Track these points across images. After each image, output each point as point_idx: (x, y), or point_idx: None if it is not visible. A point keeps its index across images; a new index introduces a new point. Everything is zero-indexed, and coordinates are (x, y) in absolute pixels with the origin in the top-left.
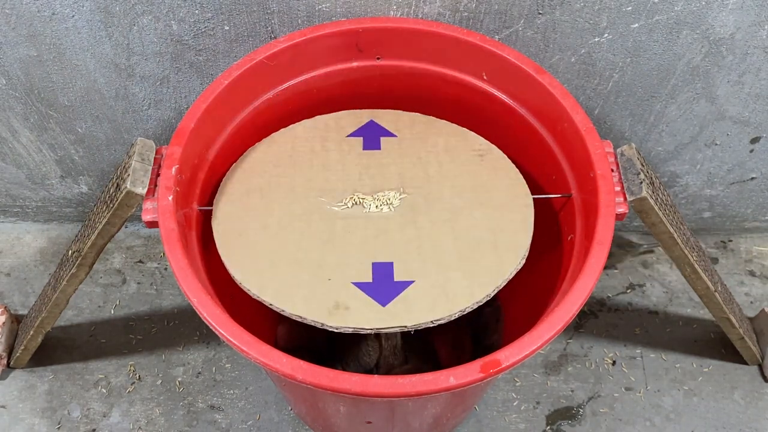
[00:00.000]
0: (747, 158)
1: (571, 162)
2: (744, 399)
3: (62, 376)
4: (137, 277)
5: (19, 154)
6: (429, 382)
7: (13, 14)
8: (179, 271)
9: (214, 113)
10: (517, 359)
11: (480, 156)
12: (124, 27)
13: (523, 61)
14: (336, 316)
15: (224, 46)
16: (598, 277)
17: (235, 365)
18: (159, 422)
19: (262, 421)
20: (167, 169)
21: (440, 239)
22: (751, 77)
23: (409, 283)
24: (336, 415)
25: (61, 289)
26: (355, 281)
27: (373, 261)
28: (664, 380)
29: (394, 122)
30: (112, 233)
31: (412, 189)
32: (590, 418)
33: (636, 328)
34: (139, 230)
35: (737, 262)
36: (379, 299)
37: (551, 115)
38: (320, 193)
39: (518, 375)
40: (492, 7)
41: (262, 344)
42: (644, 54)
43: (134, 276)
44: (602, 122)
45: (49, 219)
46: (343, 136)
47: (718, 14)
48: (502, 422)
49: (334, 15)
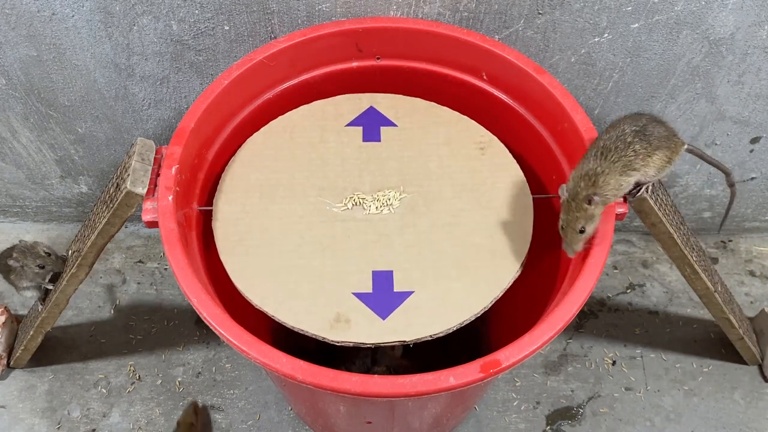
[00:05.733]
0: (747, 158)
1: (571, 162)
2: (744, 399)
3: (62, 376)
4: (137, 277)
5: (19, 154)
6: (429, 382)
7: (13, 14)
8: (179, 271)
9: (214, 113)
10: (517, 359)
11: (481, 149)
12: (124, 27)
13: (523, 61)
14: (337, 330)
15: (224, 46)
16: (598, 277)
17: (235, 365)
18: (159, 422)
19: (262, 421)
20: (167, 169)
21: (439, 245)
22: (751, 77)
23: (408, 293)
24: (336, 414)
25: (61, 289)
26: (356, 291)
27: (373, 269)
28: (664, 380)
29: (393, 108)
30: (112, 233)
31: (412, 187)
32: (590, 418)
33: (636, 328)
34: (139, 230)
35: (737, 262)
36: (380, 311)
37: (551, 114)
38: (320, 192)
39: (518, 375)
40: (492, 7)
41: (262, 344)
42: (644, 54)
43: (134, 276)
44: (602, 122)
45: (49, 219)
46: (342, 125)
47: (718, 14)
48: (502, 422)
49: (334, 15)
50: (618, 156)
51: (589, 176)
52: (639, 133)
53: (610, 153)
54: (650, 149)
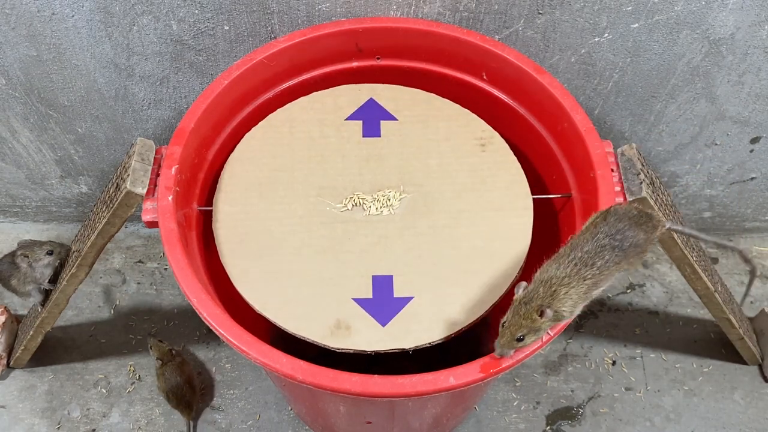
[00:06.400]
0: (747, 158)
1: (571, 162)
2: (744, 399)
3: (62, 376)
4: (137, 277)
5: (19, 154)
6: (429, 382)
7: (13, 14)
8: (179, 271)
9: (214, 113)
10: (517, 359)
11: (482, 146)
12: (124, 27)
13: (523, 61)
14: (337, 337)
15: (224, 46)
16: None
17: (235, 365)
18: (159, 422)
19: (262, 421)
20: (167, 169)
21: (439, 248)
22: (751, 77)
23: (408, 299)
24: (336, 414)
25: (61, 289)
26: (356, 297)
27: (373, 274)
28: (664, 380)
29: (393, 100)
30: (112, 233)
31: (412, 187)
32: (590, 418)
33: (636, 328)
34: (139, 230)
35: (737, 262)
36: (379, 318)
37: (551, 114)
38: (320, 191)
39: (518, 375)
40: (492, 7)
41: (262, 344)
42: (644, 54)
43: (134, 276)
44: (602, 122)
45: (49, 219)
46: (341, 118)
47: (718, 14)
48: (502, 422)
49: (334, 15)
50: (592, 273)
51: (551, 284)
52: (617, 248)
53: (585, 268)
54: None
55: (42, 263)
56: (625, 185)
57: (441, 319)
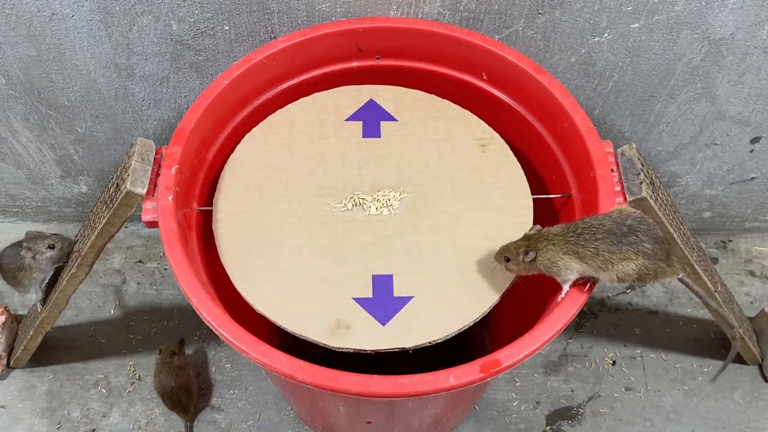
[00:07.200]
0: (747, 158)
1: (571, 162)
2: (744, 399)
3: (62, 376)
4: (137, 277)
5: (19, 154)
6: (429, 382)
7: (13, 14)
8: (179, 271)
9: (214, 113)
10: (517, 359)
11: (482, 146)
12: (124, 27)
13: (523, 61)
14: (337, 336)
15: (224, 46)
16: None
17: (235, 365)
18: (159, 422)
19: (262, 421)
20: (167, 169)
21: (439, 248)
22: (751, 77)
23: (408, 299)
24: (336, 414)
25: (61, 289)
26: (356, 296)
27: (373, 273)
28: (664, 380)
29: (394, 101)
30: (112, 233)
31: (411, 187)
32: (590, 418)
33: (636, 328)
34: (139, 230)
35: (737, 262)
36: (379, 317)
37: (551, 114)
38: (320, 191)
39: (518, 375)
40: (492, 7)
41: (262, 344)
42: (644, 54)
43: (134, 276)
44: (602, 122)
45: (49, 219)
46: (341, 119)
47: (718, 14)
48: (502, 422)
49: (334, 15)
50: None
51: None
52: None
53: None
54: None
55: (45, 256)
56: (625, 185)
57: (441, 319)
